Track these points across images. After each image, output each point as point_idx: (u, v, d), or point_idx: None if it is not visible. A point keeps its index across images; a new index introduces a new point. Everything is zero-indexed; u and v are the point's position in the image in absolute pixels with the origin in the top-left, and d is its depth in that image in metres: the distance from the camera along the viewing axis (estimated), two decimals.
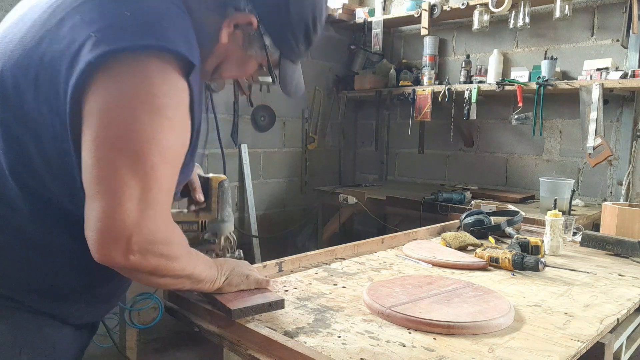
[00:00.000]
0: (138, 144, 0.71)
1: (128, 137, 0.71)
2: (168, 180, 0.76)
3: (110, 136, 0.70)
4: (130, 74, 0.72)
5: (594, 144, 2.45)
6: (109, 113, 0.71)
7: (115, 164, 0.70)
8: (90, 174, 0.71)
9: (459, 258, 1.48)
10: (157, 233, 0.75)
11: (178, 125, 0.76)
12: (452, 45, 3.39)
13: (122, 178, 0.70)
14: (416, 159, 3.59)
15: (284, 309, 1.07)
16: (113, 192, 0.70)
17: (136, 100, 0.71)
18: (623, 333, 1.17)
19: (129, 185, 0.70)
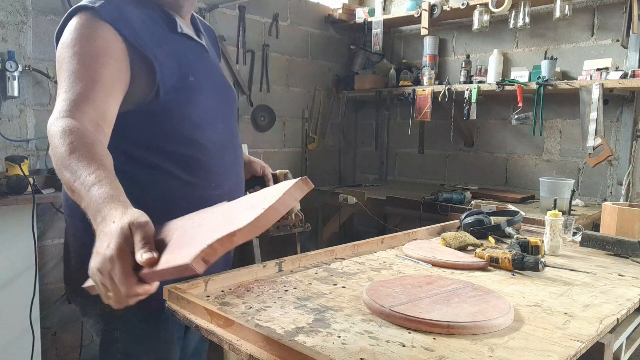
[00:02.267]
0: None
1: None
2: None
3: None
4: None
5: (594, 144, 2.46)
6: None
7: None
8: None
9: (459, 258, 1.48)
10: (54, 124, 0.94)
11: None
12: (452, 45, 3.39)
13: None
14: (416, 159, 3.59)
15: (284, 309, 1.07)
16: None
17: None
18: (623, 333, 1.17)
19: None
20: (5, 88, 2.17)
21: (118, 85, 0.99)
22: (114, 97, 0.99)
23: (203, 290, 1.17)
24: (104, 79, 0.96)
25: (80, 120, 0.92)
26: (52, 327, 2.46)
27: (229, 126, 1.23)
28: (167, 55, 1.06)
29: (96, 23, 0.99)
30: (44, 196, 1.97)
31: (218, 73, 1.26)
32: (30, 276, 2.05)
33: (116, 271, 0.67)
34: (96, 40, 0.98)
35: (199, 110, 1.12)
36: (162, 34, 1.09)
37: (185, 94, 1.09)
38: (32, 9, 2.28)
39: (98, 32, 0.99)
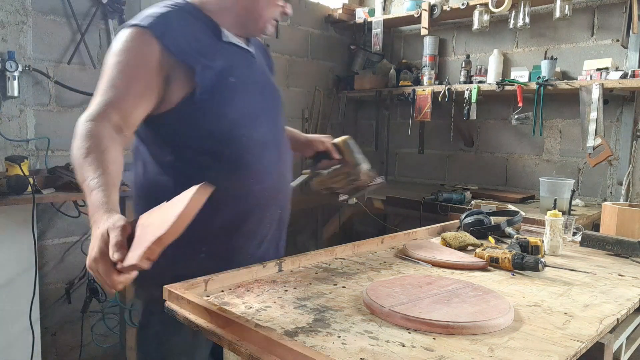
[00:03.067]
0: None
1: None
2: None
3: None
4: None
5: (594, 144, 2.46)
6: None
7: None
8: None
9: (459, 258, 1.48)
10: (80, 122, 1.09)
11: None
12: (452, 45, 3.39)
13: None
14: (416, 159, 3.59)
15: (284, 309, 1.07)
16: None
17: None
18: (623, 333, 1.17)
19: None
20: (5, 88, 2.17)
21: (148, 95, 1.13)
22: (141, 106, 1.13)
23: (203, 290, 1.17)
24: (135, 90, 1.12)
25: (104, 124, 1.07)
26: (52, 327, 2.46)
27: (273, 126, 1.33)
28: (210, 59, 1.19)
29: (144, 37, 1.14)
30: (44, 196, 1.97)
31: (264, 77, 1.36)
32: (30, 276, 2.05)
33: (100, 268, 0.84)
34: (138, 53, 1.13)
35: (238, 110, 1.22)
36: (208, 42, 1.22)
37: (225, 94, 1.20)
38: (32, 9, 2.28)
39: (142, 46, 1.13)
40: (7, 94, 2.18)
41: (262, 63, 1.40)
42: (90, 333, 2.50)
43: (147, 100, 1.14)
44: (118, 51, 1.14)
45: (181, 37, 1.17)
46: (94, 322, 2.51)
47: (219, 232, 1.23)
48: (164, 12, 1.19)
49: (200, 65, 1.16)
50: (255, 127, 1.26)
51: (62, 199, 2.16)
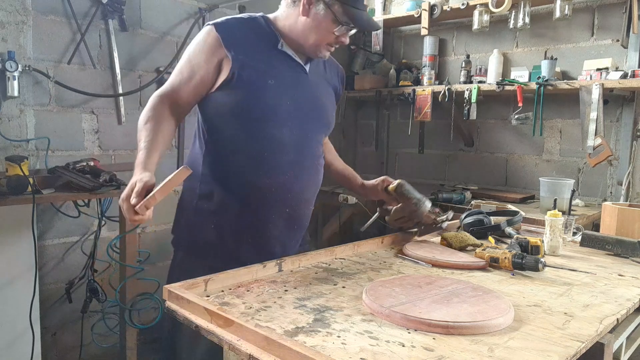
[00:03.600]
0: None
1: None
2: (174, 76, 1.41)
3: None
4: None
5: (594, 144, 2.45)
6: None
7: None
8: None
9: (459, 258, 1.48)
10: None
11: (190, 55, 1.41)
12: (452, 45, 3.39)
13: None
14: (416, 159, 3.59)
15: (284, 309, 1.07)
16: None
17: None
18: (623, 333, 1.17)
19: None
20: (5, 88, 2.17)
21: (204, 79, 1.37)
22: (196, 90, 1.38)
23: (203, 290, 1.17)
24: (195, 74, 1.37)
25: (166, 102, 1.35)
26: (52, 327, 2.46)
27: (302, 134, 1.46)
28: (255, 59, 1.38)
29: (209, 32, 1.38)
30: (44, 196, 1.97)
31: (311, 91, 1.50)
32: (30, 276, 2.04)
33: (124, 206, 1.15)
34: (202, 44, 1.38)
35: (268, 108, 1.38)
36: (263, 48, 1.42)
37: (260, 91, 1.37)
38: (32, 9, 2.28)
39: (206, 38, 1.37)
40: (7, 94, 2.18)
41: (321, 83, 1.56)
42: (90, 333, 2.50)
43: (203, 84, 1.38)
44: (192, 43, 1.41)
45: (237, 35, 1.39)
46: (94, 322, 2.51)
47: (230, 207, 1.43)
48: (234, 17, 1.45)
49: (240, 60, 1.36)
50: (281, 129, 1.41)
51: (62, 199, 2.16)
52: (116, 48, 2.54)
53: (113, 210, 2.40)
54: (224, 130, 1.42)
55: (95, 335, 2.50)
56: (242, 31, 1.41)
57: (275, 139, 1.40)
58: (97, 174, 2.16)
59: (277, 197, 1.44)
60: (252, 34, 1.42)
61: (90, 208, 2.45)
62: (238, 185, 1.39)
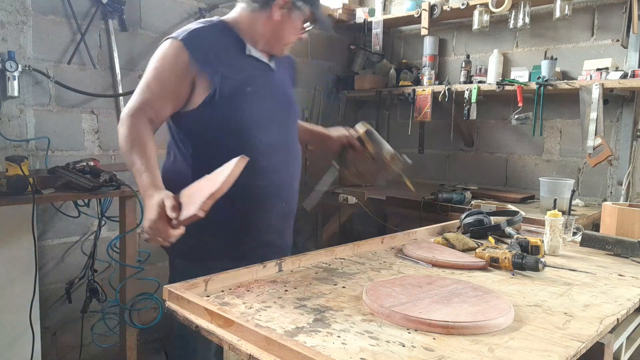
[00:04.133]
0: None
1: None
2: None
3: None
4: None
5: (594, 144, 2.45)
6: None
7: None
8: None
9: (459, 258, 1.48)
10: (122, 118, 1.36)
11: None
12: (452, 45, 3.39)
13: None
14: (416, 159, 3.57)
15: (284, 309, 1.07)
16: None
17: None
18: (623, 333, 1.17)
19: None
20: (5, 88, 2.17)
21: (176, 96, 1.38)
22: (170, 105, 1.39)
23: (203, 290, 1.17)
24: (166, 91, 1.37)
25: (141, 119, 1.34)
26: (52, 327, 2.46)
27: (283, 131, 1.52)
28: (231, 70, 1.41)
29: (177, 49, 1.37)
30: (44, 196, 1.97)
31: (281, 89, 1.56)
32: (30, 276, 2.04)
33: (159, 226, 1.16)
34: (171, 61, 1.37)
35: (252, 115, 1.42)
36: (233, 55, 1.45)
37: (241, 100, 1.41)
38: (32, 9, 2.28)
39: (175, 55, 1.37)
40: (7, 94, 2.18)
41: (284, 77, 1.60)
42: (90, 333, 2.49)
43: (175, 100, 1.39)
44: (156, 58, 1.40)
45: (207, 49, 1.40)
46: (94, 322, 2.51)
47: (233, 215, 1.46)
48: (197, 27, 1.42)
49: (219, 75, 1.38)
50: (266, 131, 1.46)
51: (62, 199, 2.16)
52: (116, 48, 2.54)
53: (113, 210, 2.40)
54: (212, 142, 1.43)
55: (95, 335, 2.50)
56: (210, 42, 1.42)
57: (264, 143, 1.45)
58: (97, 174, 2.16)
59: (273, 194, 1.51)
60: (219, 43, 1.44)
61: (90, 208, 2.45)
62: (234, 191, 1.28)
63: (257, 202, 1.49)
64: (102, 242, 2.47)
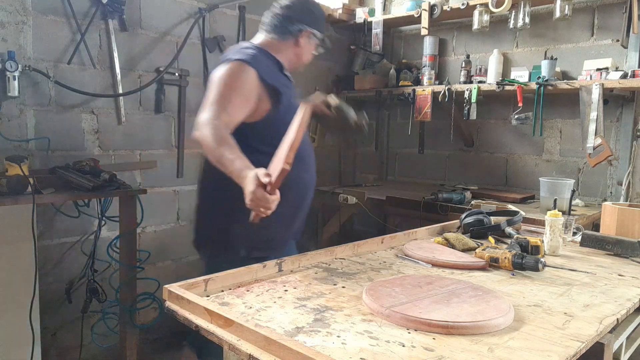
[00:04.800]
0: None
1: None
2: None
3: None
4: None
5: (594, 144, 2.45)
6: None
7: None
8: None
9: (459, 258, 1.48)
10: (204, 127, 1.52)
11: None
12: (452, 45, 3.39)
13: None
14: (416, 159, 3.59)
15: (284, 309, 1.07)
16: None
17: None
18: (623, 333, 1.17)
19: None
20: (5, 88, 2.17)
21: (245, 106, 1.62)
22: (240, 113, 1.60)
23: (203, 290, 1.17)
24: (237, 102, 1.59)
25: (221, 123, 1.52)
26: (52, 327, 2.46)
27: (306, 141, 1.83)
28: (281, 85, 1.71)
29: (244, 67, 1.62)
30: (44, 196, 1.96)
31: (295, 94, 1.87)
32: (30, 276, 2.04)
33: (258, 195, 1.28)
34: (241, 78, 1.62)
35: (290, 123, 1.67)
36: (277, 72, 1.76)
37: (291, 108, 1.60)
38: (32, 9, 2.28)
39: (244, 73, 1.62)
40: (7, 94, 2.18)
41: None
42: (90, 333, 2.49)
43: (245, 110, 1.62)
44: (226, 75, 1.61)
45: (266, 69, 1.69)
46: (94, 322, 2.51)
47: (287, 206, 1.55)
48: (252, 52, 1.69)
49: (277, 88, 1.67)
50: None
51: (62, 199, 2.16)
52: (116, 48, 2.54)
53: (113, 210, 2.40)
54: (264, 147, 1.58)
55: (95, 335, 2.50)
56: (265, 63, 1.72)
57: (305, 143, 1.72)
58: (97, 174, 2.16)
59: (308, 187, 1.82)
60: (269, 64, 1.75)
61: (90, 208, 2.45)
62: (289, 186, 1.50)
63: (304, 191, 1.80)
64: (102, 242, 2.47)
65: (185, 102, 2.84)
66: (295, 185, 1.71)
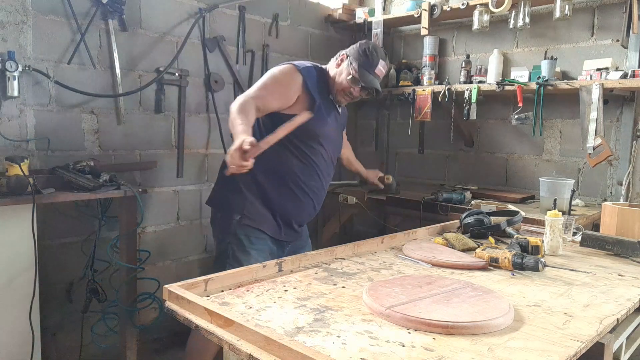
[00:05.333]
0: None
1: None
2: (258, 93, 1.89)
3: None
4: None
5: (594, 144, 2.45)
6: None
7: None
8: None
9: (459, 258, 1.48)
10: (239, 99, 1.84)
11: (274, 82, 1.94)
12: (452, 45, 3.39)
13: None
14: (416, 159, 3.59)
15: (284, 309, 1.07)
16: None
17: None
18: (623, 333, 1.17)
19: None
20: (5, 88, 2.17)
21: (280, 99, 1.88)
22: (274, 102, 1.87)
23: (203, 290, 1.17)
24: (275, 93, 1.88)
25: (252, 104, 1.80)
26: (52, 327, 2.46)
27: (332, 150, 2.09)
28: (319, 99, 1.95)
29: (294, 71, 1.92)
30: (44, 196, 1.97)
31: (338, 124, 2.16)
32: (30, 276, 2.04)
33: (234, 154, 1.50)
34: (287, 78, 1.91)
35: (325, 135, 1.99)
36: (322, 92, 1.99)
37: (318, 122, 1.92)
38: (32, 9, 2.28)
39: (293, 76, 1.91)
40: (7, 94, 2.18)
41: (342, 118, 2.20)
42: (90, 333, 2.49)
43: (279, 102, 1.88)
44: (277, 71, 1.92)
45: (313, 81, 1.95)
46: (94, 322, 2.51)
47: (287, 195, 1.97)
48: (310, 65, 2.00)
49: (316, 99, 1.93)
50: (326, 149, 2.02)
51: (62, 199, 2.16)
52: (116, 48, 2.54)
53: (113, 210, 2.40)
54: (292, 143, 1.90)
55: (95, 335, 2.50)
56: (315, 78, 1.97)
57: (323, 157, 2.01)
58: (97, 174, 2.16)
59: (317, 193, 2.04)
60: (320, 82, 1.99)
61: (90, 208, 2.45)
62: (297, 182, 1.96)
63: (306, 194, 1.99)
64: (102, 242, 2.47)
65: (185, 102, 2.84)
66: (295, 183, 1.97)
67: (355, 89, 2.00)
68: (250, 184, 1.93)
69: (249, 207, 1.93)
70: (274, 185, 1.94)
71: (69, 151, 2.44)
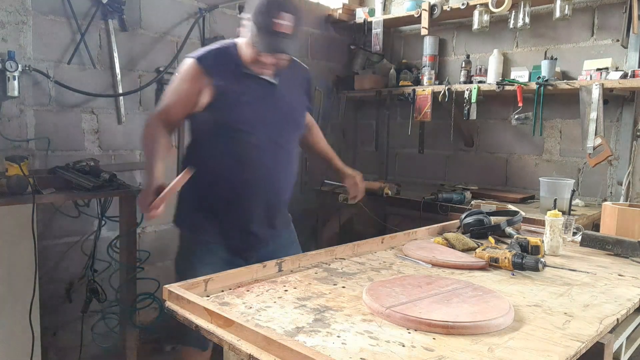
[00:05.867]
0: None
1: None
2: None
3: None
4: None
5: (594, 144, 2.45)
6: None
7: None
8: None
9: (459, 258, 1.48)
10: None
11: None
12: (452, 45, 3.39)
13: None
14: (416, 159, 3.59)
15: (284, 309, 1.07)
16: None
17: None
18: (623, 333, 1.17)
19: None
20: (5, 88, 2.17)
21: (187, 104, 1.66)
22: (182, 110, 1.68)
23: (203, 290, 1.17)
24: (179, 101, 1.68)
25: (158, 122, 1.68)
26: (52, 327, 2.46)
27: (275, 136, 1.72)
28: (231, 83, 1.66)
29: (191, 64, 1.65)
30: (44, 196, 1.96)
31: (281, 102, 1.74)
32: (30, 276, 2.04)
33: (140, 200, 1.54)
34: (187, 78, 1.66)
35: (242, 121, 1.66)
36: (234, 72, 1.67)
37: (236, 109, 1.66)
38: (32, 9, 2.28)
39: (191, 72, 1.65)
40: (7, 94, 2.18)
41: (291, 90, 1.80)
42: (90, 333, 2.49)
43: (186, 106, 1.67)
44: (179, 74, 1.69)
45: (215, 66, 1.66)
46: (94, 322, 2.51)
47: (220, 198, 1.73)
48: (212, 49, 1.71)
49: (220, 85, 1.64)
50: (254, 135, 1.68)
51: (62, 199, 2.16)
52: (116, 48, 2.54)
53: (113, 210, 2.40)
54: (210, 140, 1.71)
55: (95, 335, 2.50)
56: (218, 60, 1.68)
57: (252, 144, 1.68)
58: (97, 174, 2.15)
59: (257, 190, 1.72)
60: (225, 62, 1.69)
61: (90, 208, 2.45)
62: (223, 182, 1.71)
63: (241, 193, 1.72)
64: (102, 242, 2.47)
65: None
66: (228, 182, 1.70)
67: (263, 56, 1.61)
68: (193, 196, 1.76)
69: (192, 218, 1.77)
70: (209, 191, 1.72)
71: (69, 151, 2.44)
